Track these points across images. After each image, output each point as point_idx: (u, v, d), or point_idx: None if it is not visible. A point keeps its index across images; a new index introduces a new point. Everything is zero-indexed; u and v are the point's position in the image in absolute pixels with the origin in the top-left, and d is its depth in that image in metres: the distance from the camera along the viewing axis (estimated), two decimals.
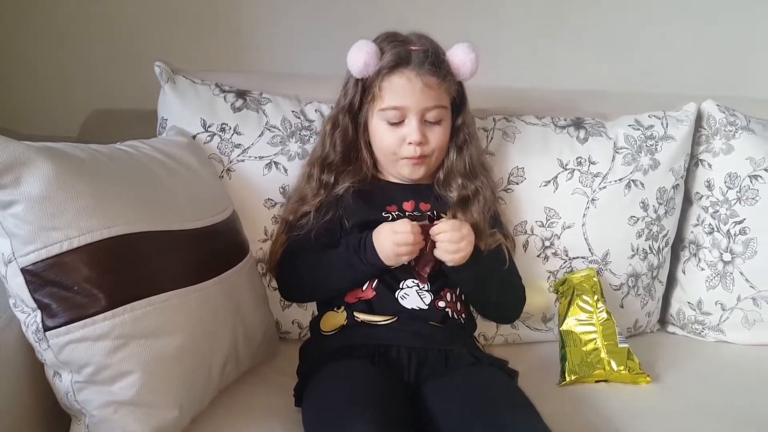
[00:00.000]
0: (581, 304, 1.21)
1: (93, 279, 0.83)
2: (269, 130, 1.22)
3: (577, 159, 1.28)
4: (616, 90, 1.66)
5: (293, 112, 1.25)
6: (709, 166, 1.36)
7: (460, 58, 1.10)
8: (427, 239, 1.04)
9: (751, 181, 1.32)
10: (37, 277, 0.82)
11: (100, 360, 0.83)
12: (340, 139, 1.14)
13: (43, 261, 0.82)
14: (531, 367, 1.17)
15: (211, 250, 1.01)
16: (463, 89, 1.15)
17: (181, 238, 0.95)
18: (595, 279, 1.23)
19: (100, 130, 1.37)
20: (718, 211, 1.35)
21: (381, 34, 1.12)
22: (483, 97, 1.30)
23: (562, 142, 1.30)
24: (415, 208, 1.14)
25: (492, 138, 1.29)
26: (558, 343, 1.22)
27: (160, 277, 0.90)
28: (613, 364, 1.16)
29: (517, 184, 1.27)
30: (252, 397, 1.05)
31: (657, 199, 1.31)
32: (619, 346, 1.17)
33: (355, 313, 1.06)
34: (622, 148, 1.30)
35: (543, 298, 1.30)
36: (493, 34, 1.72)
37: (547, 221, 1.27)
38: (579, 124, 1.32)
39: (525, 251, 1.27)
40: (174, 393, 0.89)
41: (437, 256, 1.04)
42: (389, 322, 1.05)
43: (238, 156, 1.20)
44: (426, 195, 1.15)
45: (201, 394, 0.96)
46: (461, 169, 1.15)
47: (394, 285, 1.08)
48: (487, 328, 1.29)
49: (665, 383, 1.18)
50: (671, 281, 1.41)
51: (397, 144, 1.10)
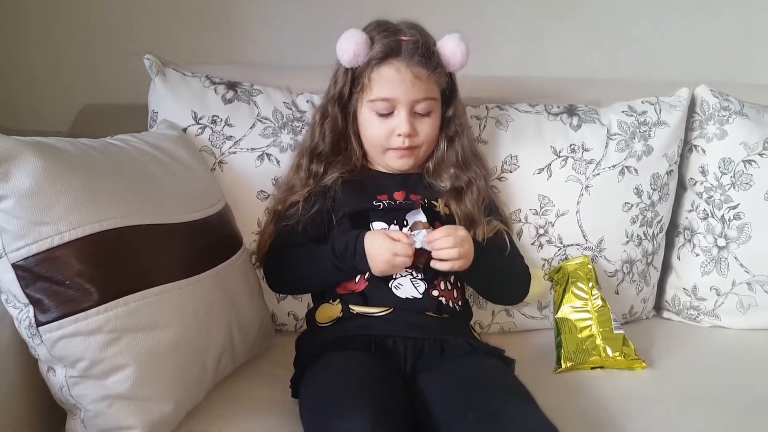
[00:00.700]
0: (576, 291, 1.21)
1: (85, 273, 0.83)
2: (261, 121, 1.21)
3: (570, 146, 1.28)
4: (608, 77, 1.66)
5: (285, 103, 1.24)
6: (703, 151, 1.36)
7: (450, 49, 1.09)
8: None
9: (745, 166, 1.32)
10: (28, 272, 0.81)
11: (94, 354, 0.83)
12: (329, 129, 1.14)
13: (34, 256, 0.81)
14: (527, 354, 1.17)
15: (204, 243, 1.01)
16: (454, 80, 1.14)
17: (173, 232, 0.95)
18: (589, 266, 1.23)
19: (92, 125, 1.36)
20: (713, 196, 1.35)
21: (371, 23, 1.11)
22: (476, 85, 1.29)
23: (555, 129, 1.29)
24: (406, 197, 1.13)
25: (485, 126, 1.28)
26: (553, 331, 1.22)
27: (152, 271, 0.89)
28: (609, 351, 1.16)
29: (510, 172, 1.27)
30: (248, 390, 1.05)
31: (651, 185, 1.31)
32: (615, 332, 1.17)
33: (351, 306, 1.06)
34: (615, 135, 1.30)
35: (539, 285, 1.30)
36: (486, 22, 1.71)
37: (541, 209, 1.27)
38: (572, 111, 1.32)
39: (519, 239, 1.27)
40: (169, 386, 0.89)
41: (436, 267, 1.03)
42: (385, 313, 1.05)
43: (230, 148, 1.20)
44: (416, 185, 1.15)
45: (196, 387, 0.96)
46: (453, 159, 1.15)
47: (387, 276, 1.07)
48: (483, 317, 1.29)
49: (661, 369, 1.18)
50: (666, 267, 1.41)
51: (385, 135, 1.10)
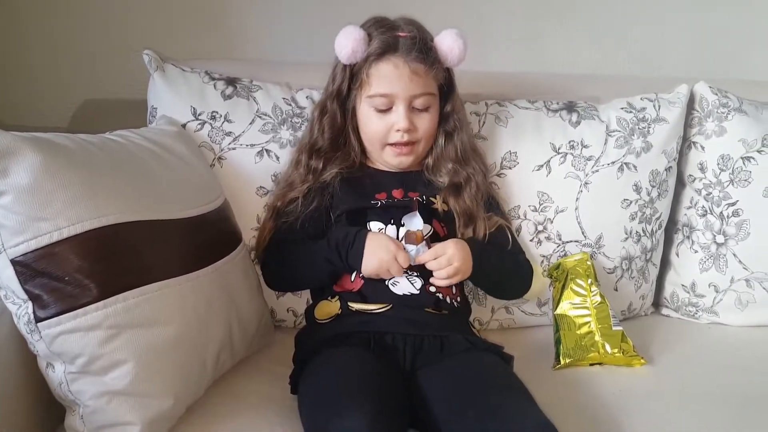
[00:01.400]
0: (575, 288, 1.21)
1: (84, 269, 0.83)
2: (260, 117, 1.21)
3: (569, 142, 1.28)
4: (608, 73, 1.66)
5: (284, 99, 1.24)
6: (702, 148, 1.36)
7: (448, 45, 1.09)
8: None
9: (743, 163, 1.32)
10: (27, 268, 0.81)
11: (93, 350, 0.83)
12: (328, 125, 1.14)
13: (33, 252, 0.81)
14: (526, 351, 1.17)
15: (203, 239, 1.00)
16: (452, 75, 1.14)
17: (172, 228, 0.95)
18: (588, 263, 1.23)
19: (91, 121, 1.36)
20: (711, 193, 1.35)
21: (369, 19, 1.11)
22: (475, 81, 1.29)
23: (554, 125, 1.29)
24: (404, 195, 1.13)
25: (484, 122, 1.28)
26: (552, 327, 1.22)
27: (152, 267, 0.89)
28: (608, 347, 1.16)
29: (509, 168, 1.27)
30: (248, 386, 1.05)
31: (650, 181, 1.31)
32: (613, 329, 1.17)
33: (350, 303, 1.06)
34: (614, 131, 1.30)
35: (538, 282, 1.29)
36: (485, 19, 1.71)
37: (540, 205, 1.27)
38: (571, 107, 1.32)
39: (518, 236, 1.27)
40: (168, 382, 0.89)
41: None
42: (384, 309, 1.05)
43: (229, 144, 1.19)
44: (415, 183, 1.15)
45: (196, 383, 0.96)
46: (452, 155, 1.15)
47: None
48: (482, 313, 1.30)
49: (659, 365, 1.18)
50: (665, 264, 1.42)
51: (384, 131, 1.10)
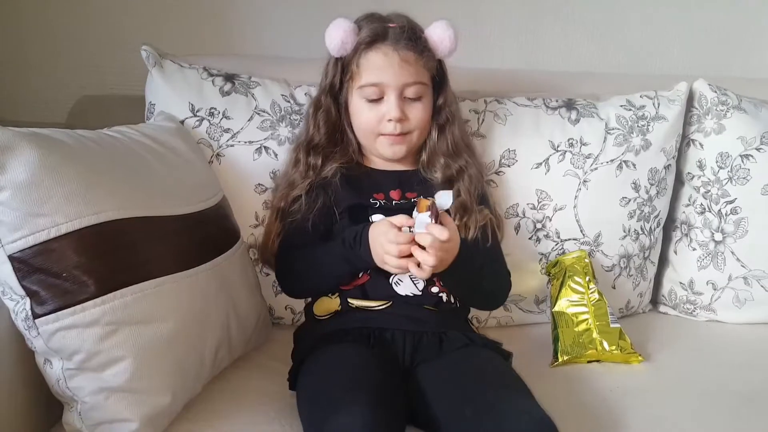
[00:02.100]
0: (573, 285, 1.21)
1: (82, 265, 0.82)
2: (258, 114, 1.21)
3: (568, 140, 1.28)
4: (607, 71, 1.65)
5: (282, 95, 1.24)
6: (701, 145, 1.36)
7: (438, 35, 1.09)
8: None
9: (742, 161, 1.32)
10: (24, 264, 0.81)
11: (91, 347, 0.83)
12: (323, 120, 1.14)
13: (30, 248, 0.81)
14: (524, 348, 1.16)
15: (201, 235, 1.00)
16: (444, 68, 1.14)
17: (170, 224, 0.95)
18: (586, 260, 1.23)
19: (89, 117, 1.36)
20: (710, 191, 1.35)
21: (360, 15, 1.12)
22: (474, 78, 1.29)
23: (553, 123, 1.29)
24: (402, 196, 1.13)
25: (483, 120, 1.28)
26: (550, 325, 1.22)
27: (150, 263, 0.89)
28: (605, 344, 1.16)
29: (508, 166, 1.27)
30: (246, 383, 1.05)
31: (649, 179, 1.31)
32: (611, 326, 1.18)
33: (349, 299, 1.06)
34: (613, 129, 1.30)
35: (535, 280, 1.30)
36: (484, 16, 1.70)
37: (538, 203, 1.27)
38: (570, 105, 1.31)
39: (517, 234, 1.27)
40: (166, 379, 0.89)
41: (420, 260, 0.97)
42: (384, 306, 1.05)
43: (228, 141, 1.19)
44: (412, 183, 1.14)
45: (194, 379, 0.96)
46: (444, 149, 1.14)
47: (389, 271, 1.07)
48: (480, 312, 1.29)
49: (657, 362, 1.19)
50: (663, 261, 1.42)
51: (376, 121, 1.10)
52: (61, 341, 0.83)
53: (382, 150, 1.13)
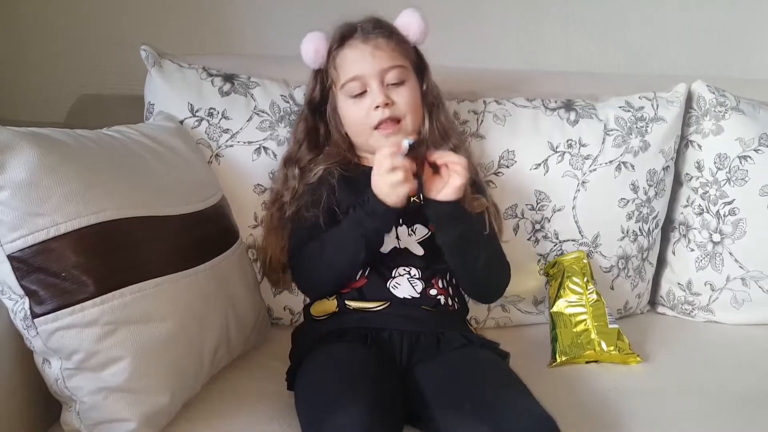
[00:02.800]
0: (571, 286, 1.21)
1: (81, 265, 0.82)
2: (258, 114, 1.21)
3: (567, 141, 1.28)
4: (606, 71, 1.65)
5: (282, 96, 1.24)
6: (699, 147, 1.36)
7: (405, 21, 1.12)
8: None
9: (740, 162, 1.32)
10: (24, 263, 0.81)
11: (90, 346, 0.83)
12: (302, 129, 1.16)
13: (29, 247, 0.81)
14: (522, 349, 1.17)
15: (200, 235, 1.00)
16: (420, 54, 1.15)
17: (169, 224, 0.95)
18: (584, 261, 1.24)
19: (88, 116, 1.36)
20: (708, 192, 1.35)
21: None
22: (473, 79, 1.29)
23: (552, 124, 1.29)
24: None
25: (482, 121, 1.28)
26: (549, 325, 1.23)
27: (149, 263, 0.89)
28: (603, 345, 1.16)
29: (507, 167, 1.27)
30: (244, 382, 1.05)
31: (647, 180, 1.31)
32: (609, 326, 1.18)
33: (347, 301, 1.06)
34: (612, 130, 1.30)
35: (534, 281, 1.30)
36: (483, 16, 1.71)
37: (537, 204, 1.27)
38: (569, 106, 1.31)
39: (515, 235, 1.27)
40: (165, 378, 0.89)
41: (447, 179, 0.99)
42: (382, 307, 1.05)
43: (227, 141, 1.19)
44: None
45: (192, 379, 0.96)
46: (435, 137, 1.14)
47: (386, 274, 1.07)
48: (479, 312, 1.30)
49: (655, 363, 1.19)
50: (661, 262, 1.42)
51: (364, 114, 1.09)
52: (60, 341, 0.83)
53: (380, 144, 1.09)
